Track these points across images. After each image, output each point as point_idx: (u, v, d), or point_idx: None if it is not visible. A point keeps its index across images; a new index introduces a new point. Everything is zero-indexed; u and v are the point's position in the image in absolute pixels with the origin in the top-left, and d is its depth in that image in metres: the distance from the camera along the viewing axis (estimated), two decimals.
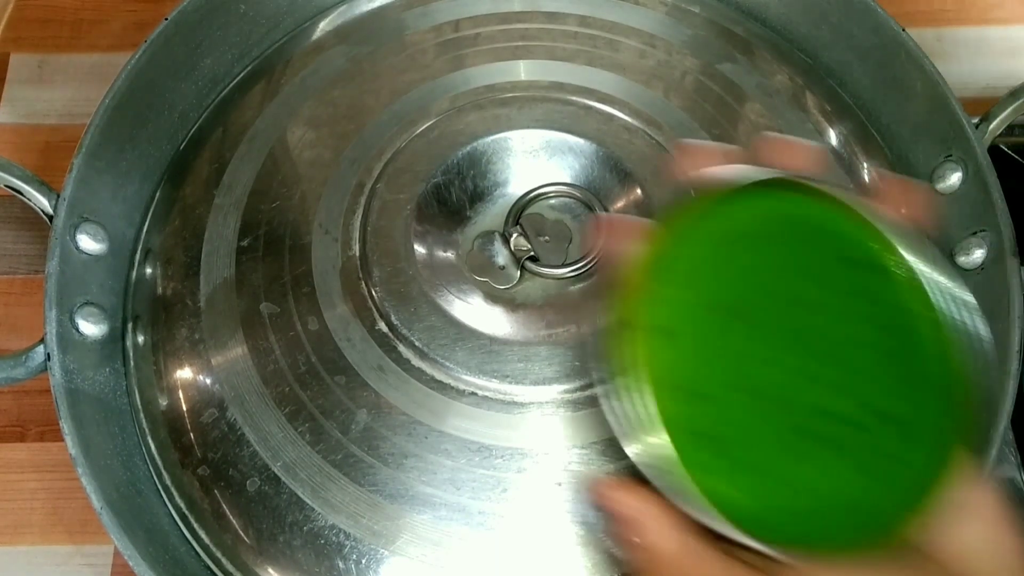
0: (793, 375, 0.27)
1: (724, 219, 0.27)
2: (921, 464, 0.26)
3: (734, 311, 0.27)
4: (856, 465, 0.26)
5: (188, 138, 0.45)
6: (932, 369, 0.27)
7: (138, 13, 0.58)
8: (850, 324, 0.27)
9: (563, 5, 0.46)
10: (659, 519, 0.26)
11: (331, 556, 0.34)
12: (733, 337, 0.27)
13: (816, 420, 0.26)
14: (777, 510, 0.26)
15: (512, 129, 0.42)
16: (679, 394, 0.26)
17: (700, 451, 0.26)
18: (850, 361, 0.27)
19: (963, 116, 0.42)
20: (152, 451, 0.38)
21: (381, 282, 0.38)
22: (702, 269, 0.27)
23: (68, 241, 0.39)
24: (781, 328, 0.27)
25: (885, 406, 0.26)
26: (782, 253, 0.27)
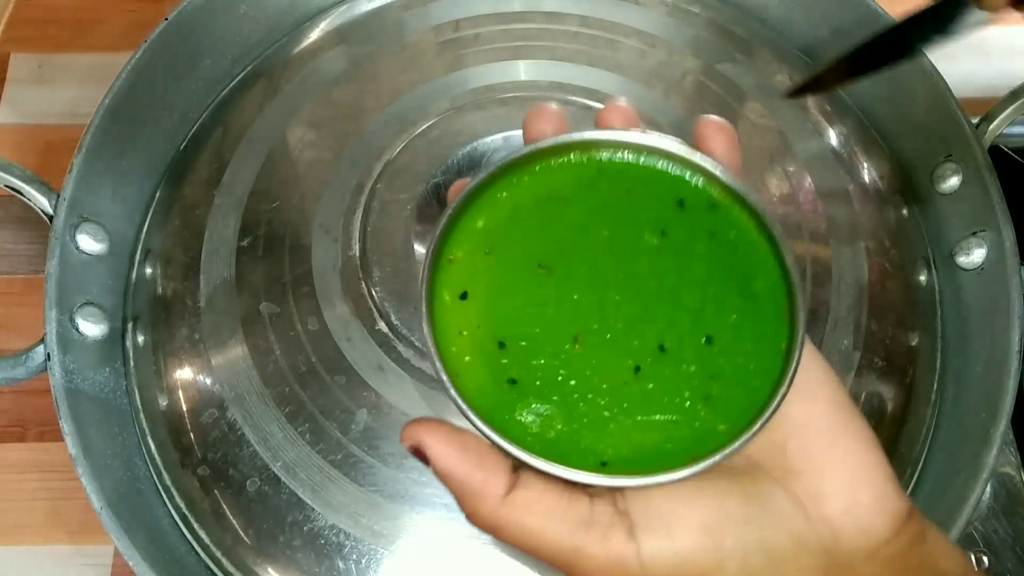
0: (600, 312, 0.27)
1: (532, 180, 0.28)
2: (752, 381, 0.26)
3: (542, 263, 0.28)
4: (676, 389, 0.26)
5: (188, 138, 0.45)
6: (762, 282, 0.27)
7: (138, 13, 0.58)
8: (667, 262, 0.28)
9: (563, 5, 0.46)
10: (448, 442, 0.25)
11: (331, 556, 0.34)
12: (539, 288, 0.27)
13: (638, 355, 0.27)
14: (589, 437, 0.26)
15: (512, 129, 0.42)
16: (485, 349, 0.27)
17: (505, 397, 0.26)
18: (666, 293, 0.27)
19: (963, 116, 0.42)
20: (152, 451, 0.38)
21: (381, 282, 0.38)
22: (506, 229, 0.28)
23: (68, 241, 0.39)
24: (595, 275, 0.28)
25: (714, 330, 0.27)
26: (597, 204, 0.28)
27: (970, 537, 0.41)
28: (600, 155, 0.29)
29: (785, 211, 0.42)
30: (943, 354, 0.42)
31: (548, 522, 0.25)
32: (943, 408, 0.41)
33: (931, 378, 0.41)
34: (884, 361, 0.39)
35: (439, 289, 0.27)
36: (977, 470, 0.36)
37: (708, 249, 0.28)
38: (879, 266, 0.41)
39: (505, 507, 0.25)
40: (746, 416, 0.26)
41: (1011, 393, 0.37)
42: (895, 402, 0.39)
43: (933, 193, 0.43)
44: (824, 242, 0.41)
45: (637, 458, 0.26)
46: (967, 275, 0.42)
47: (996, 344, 0.39)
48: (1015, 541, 0.42)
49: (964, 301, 0.42)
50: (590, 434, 0.26)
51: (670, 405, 0.26)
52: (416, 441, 0.26)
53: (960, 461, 0.38)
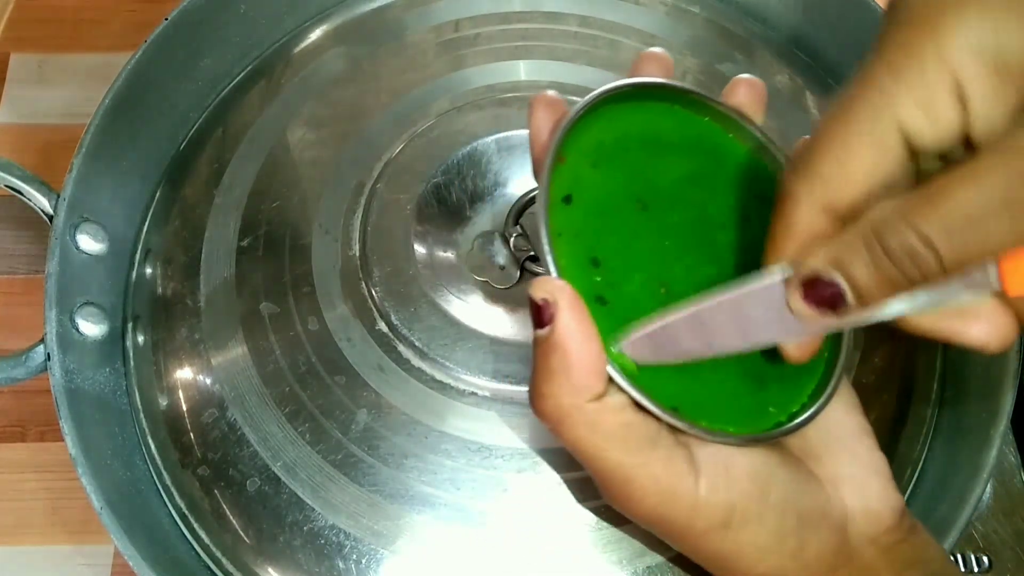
0: (689, 269, 0.28)
1: (641, 117, 0.29)
2: (796, 373, 0.28)
3: (640, 199, 0.29)
4: (740, 364, 0.28)
5: (188, 138, 0.45)
6: None
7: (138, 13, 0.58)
8: (749, 243, 0.29)
9: (563, 5, 0.46)
10: (573, 306, 0.25)
11: (331, 556, 0.34)
12: (635, 220, 0.28)
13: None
14: (664, 380, 0.27)
15: (512, 129, 0.42)
16: (581, 260, 0.27)
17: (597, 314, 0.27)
18: (741, 270, 0.29)
19: None
20: (152, 451, 0.38)
21: (381, 282, 0.38)
22: (613, 151, 0.29)
23: (68, 241, 0.39)
24: (685, 228, 0.29)
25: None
26: (695, 165, 0.30)
27: (970, 537, 0.41)
28: (706, 119, 0.30)
29: None
30: (943, 354, 0.42)
31: (622, 430, 0.25)
32: (943, 408, 0.41)
33: (931, 378, 0.41)
34: (884, 361, 0.39)
35: (551, 187, 0.27)
36: (977, 470, 0.36)
37: None
38: None
39: (594, 405, 0.25)
40: (794, 401, 0.28)
41: (1011, 393, 0.37)
42: (895, 402, 0.39)
43: None
44: None
45: (702, 411, 0.27)
46: None
47: None
48: (1015, 541, 0.42)
49: None
50: (664, 377, 0.27)
51: (732, 375, 0.28)
52: (553, 298, 0.25)
53: (960, 461, 0.38)
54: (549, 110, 0.29)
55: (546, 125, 0.28)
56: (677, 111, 0.30)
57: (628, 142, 0.29)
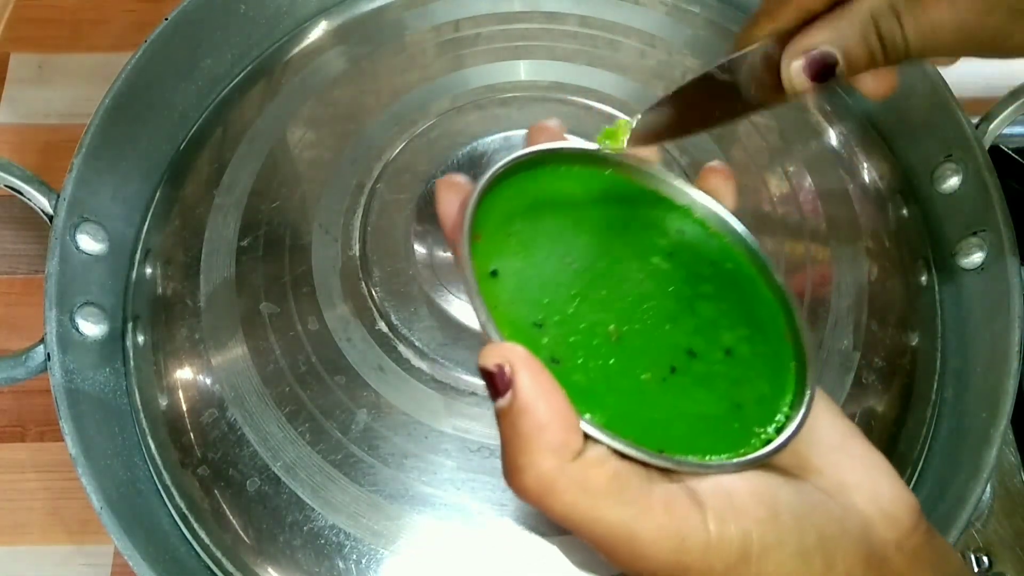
0: (632, 307, 0.28)
1: (555, 178, 0.30)
2: (770, 388, 0.28)
3: (567, 257, 0.29)
4: (711, 391, 0.28)
5: (188, 138, 0.45)
6: (763, 309, 0.30)
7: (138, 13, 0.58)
8: (681, 278, 0.30)
9: (563, 5, 0.46)
10: (528, 366, 0.24)
11: (331, 556, 0.34)
12: (568, 278, 0.28)
13: (670, 354, 0.28)
14: (639, 424, 0.26)
15: (512, 129, 0.42)
16: (523, 327, 0.27)
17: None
18: (683, 303, 0.29)
19: (963, 116, 0.42)
20: (152, 451, 0.38)
21: (381, 282, 0.38)
22: (531, 218, 0.29)
23: (68, 241, 0.39)
24: (619, 276, 0.29)
25: (731, 344, 0.29)
26: (615, 216, 0.30)
27: (970, 537, 0.41)
28: (608, 171, 0.31)
29: (785, 211, 0.42)
30: (943, 354, 0.42)
31: (613, 484, 0.24)
32: (943, 408, 0.41)
33: (931, 378, 0.41)
34: (884, 361, 0.39)
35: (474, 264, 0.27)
36: (977, 470, 0.36)
37: (712, 273, 0.30)
38: (879, 266, 0.41)
39: (577, 464, 0.24)
40: (776, 414, 0.28)
41: (1011, 393, 0.37)
42: (895, 402, 0.39)
43: (933, 193, 0.43)
44: (824, 242, 0.41)
45: (689, 447, 0.26)
46: (967, 275, 0.42)
47: (996, 344, 0.39)
48: (1015, 541, 0.42)
49: (964, 301, 0.42)
50: (641, 420, 0.26)
51: (709, 404, 0.27)
52: (506, 362, 0.24)
53: (960, 461, 0.38)
54: (452, 191, 0.29)
55: (453, 206, 0.28)
56: (578, 170, 0.30)
57: (538, 206, 0.29)
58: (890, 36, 0.27)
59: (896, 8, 0.27)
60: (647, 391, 0.27)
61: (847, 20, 0.27)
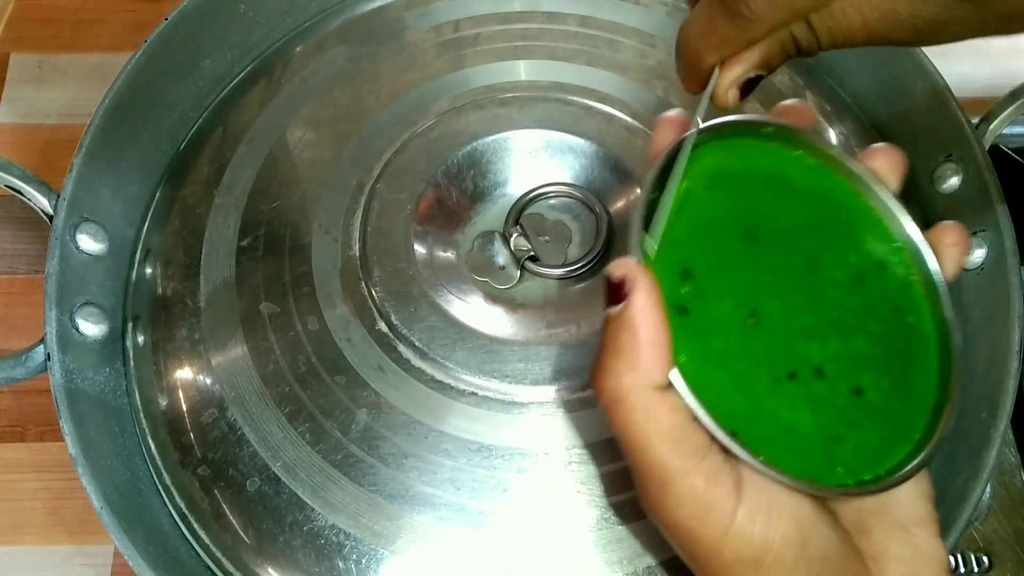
0: (784, 310, 0.28)
1: (762, 153, 0.29)
2: (879, 444, 0.27)
3: (748, 231, 0.28)
4: (818, 414, 0.27)
5: (188, 138, 0.45)
6: (923, 369, 0.28)
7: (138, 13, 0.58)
8: (848, 303, 0.28)
9: (563, 5, 0.46)
10: (648, 291, 0.25)
11: (331, 556, 0.34)
12: (737, 249, 0.28)
13: (797, 362, 0.27)
14: (730, 405, 0.26)
15: (512, 129, 0.42)
16: (671, 268, 0.27)
17: (674, 323, 0.26)
18: (842, 328, 0.28)
19: (963, 116, 0.42)
20: (152, 451, 0.38)
21: (381, 282, 0.38)
22: (726, 184, 0.28)
23: (68, 241, 0.39)
24: (790, 267, 0.28)
25: (867, 385, 0.27)
26: (808, 204, 0.29)
27: (970, 537, 0.41)
28: (840, 177, 0.29)
29: None
30: None
31: (675, 431, 0.25)
32: None
33: None
34: None
35: (652, 193, 0.27)
36: (977, 470, 0.36)
37: (888, 316, 0.28)
38: None
39: (654, 394, 0.25)
40: (867, 470, 0.26)
41: (1011, 393, 0.37)
42: None
43: (933, 193, 0.43)
44: None
45: (763, 445, 0.26)
46: (967, 275, 0.42)
47: (996, 344, 0.39)
48: (1015, 541, 0.42)
49: (964, 301, 0.42)
50: (731, 398, 0.26)
51: (807, 423, 0.27)
52: (631, 279, 0.25)
53: (960, 461, 0.38)
54: (673, 128, 0.29)
55: (667, 140, 0.28)
56: (809, 162, 0.29)
57: (750, 177, 0.28)
58: (805, 43, 0.27)
59: (809, 20, 0.26)
60: (755, 381, 0.27)
61: (768, 42, 0.27)
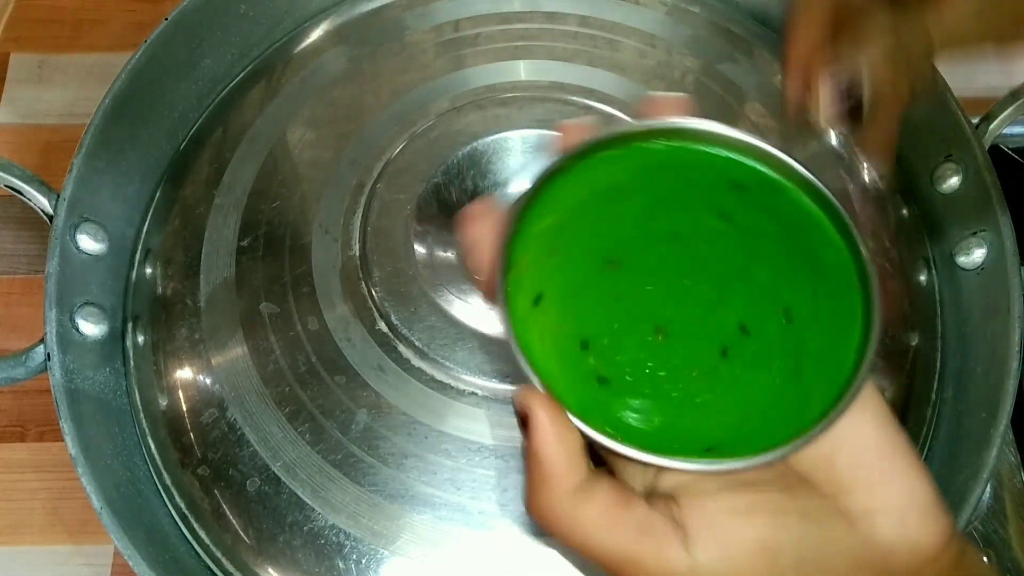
0: (677, 300, 0.27)
1: (588, 176, 0.28)
2: (837, 354, 0.26)
3: (610, 259, 0.28)
4: (766, 369, 0.26)
5: (188, 138, 0.45)
6: (829, 253, 0.27)
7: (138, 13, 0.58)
8: (733, 243, 0.27)
9: (563, 5, 0.46)
10: (552, 419, 0.25)
11: (331, 556, 0.34)
12: (611, 284, 0.27)
13: (719, 336, 0.27)
14: (702, 431, 0.26)
15: (512, 129, 0.42)
16: (569, 351, 0.27)
17: (598, 396, 0.26)
18: (738, 277, 0.27)
19: (963, 116, 0.42)
20: (152, 451, 0.38)
21: (381, 282, 0.38)
22: (569, 228, 0.28)
23: (68, 241, 0.39)
24: (663, 264, 0.28)
25: (791, 305, 0.27)
26: (655, 194, 0.28)
27: (970, 537, 0.41)
28: (647, 144, 0.27)
29: None
30: (943, 354, 0.42)
31: (605, 519, 0.25)
32: (943, 408, 0.41)
33: (931, 378, 0.41)
34: (884, 361, 0.39)
35: (512, 297, 0.26)
36: (977, 470, 0.36)
37: (770, 227, 0.27)
38: (879, 266, 0.41)
39: (573, 498, 0.25)
40: (833, 392, 0.25)
41: (1011, 393, 0.37)
42: (895, 402, 0.39)
43: (933, 193, 0.43)
44: None
45: (739, 441, 0.26)
46: (967, 275, 0.42)
47: (996, 344, 0.39)
48: (1015, 541, 0.42)
49: (964, 301, 0.42)
50: (690, 422, 0.26)
51: (762, 383, 0.26)
52: (529, 407, 0.26)
53: (960, 461, 0.38)
54: (478, 223, 0.28)
55: (483, 243, 0.27)
56: (609, 155, 0.27)
57: (576, 210, 0.28)
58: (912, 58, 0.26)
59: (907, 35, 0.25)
60: (698, 388, 0.26)
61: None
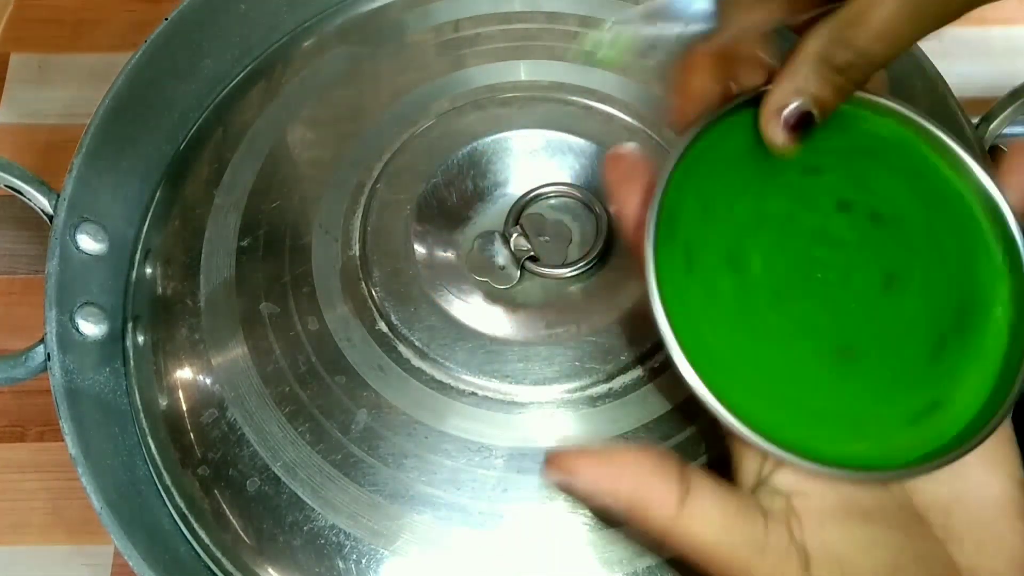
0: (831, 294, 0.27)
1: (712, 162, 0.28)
2: (956, 409, 0.26)
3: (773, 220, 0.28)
4: (877, 387, 0.26)
5: (188, 138, 0.45)
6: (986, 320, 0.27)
7: (138, 13, 0.58)
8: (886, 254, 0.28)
9: (563, 5, 0.46)
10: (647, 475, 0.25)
11: (331, 556, 0.34)
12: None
13: (846, 336, 0.26)
14: (789, 412, 0.26)
15: (512, 129, 0.42)
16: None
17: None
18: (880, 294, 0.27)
19: (963, 116, 0.42)
20: (152, 451, 0.38)
21: (381, 282, 0.38)
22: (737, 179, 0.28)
23: (68, 241, 0.39)
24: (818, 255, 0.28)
25: (927, 337, 0.26)
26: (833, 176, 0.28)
27: None
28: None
29: None
30: None
31: (723, 538, 0.25)
32: None
33: None
34: None
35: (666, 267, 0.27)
36: None
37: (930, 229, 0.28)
38: None
39: (681, 520, 0.25)
40: (971, 425, 0.25)
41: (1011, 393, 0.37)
42: None
43: None
44: None
45: (870, 453, 0.25)
46: None
47: None
48: None
49: None
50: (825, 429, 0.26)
51: (903, 406, 0.26)
52: (569, 472, 0.25)
53: None
54: (629, 184, 0.28)
55: (634, 202, 0.28)
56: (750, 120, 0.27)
57: (718, 191, 0.28)
58: (847, 63, 0.25)
59: (840, 35, 0.25)
60: (813, 374, 0.26)
61: (801, 68, 0.26)
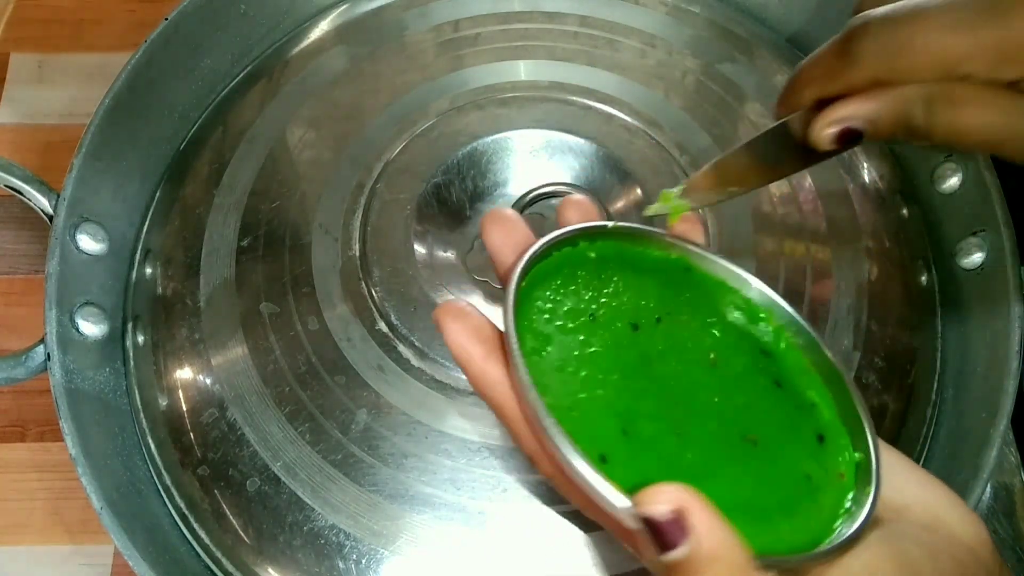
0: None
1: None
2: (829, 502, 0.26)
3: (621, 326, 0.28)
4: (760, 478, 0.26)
5: (188, 138, 0.45)
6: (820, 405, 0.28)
7: (138, 13, 0.58)
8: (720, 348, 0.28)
9: (563, 5, 0.46)
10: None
11: (331, 556, 0.34)
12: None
13: (725, 431, 0.26)
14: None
15: (512, 129, 0.42)
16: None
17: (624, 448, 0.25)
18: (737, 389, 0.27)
19: None
20: (152, 451, 0.38)
21: (381, 282, 0.38)
22: (572, 292, 0.28)
23: (68, 241, 0.39)
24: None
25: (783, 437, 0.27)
26: (654, 289, 0.29)
27: None
28: (653, 250, 0.29)
29: (785, 211, 0.42)
30: (943, 354, 0.42)
31: None
32: (943, 408, 0.41)
33: (931, 378, 0.41)
34: (884, 361, 0.39)
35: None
36: (977, 470, 0.36)
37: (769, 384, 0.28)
38: (879, 266, 0.41)
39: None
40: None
41: (1011, 393, 0.37)
42: (895, 402, 0.39)
43: (933, 193, 0.43)
44: (824, 242, 0.41)
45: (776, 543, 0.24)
46: (967, 275, 0.42)
47: (996, 344, 0.39)
48: (1015, 541, 0.42)
49: (964, 301, 0.42)
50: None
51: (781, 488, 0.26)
52: (681, 505, 0.21)
53: (960, 461, 0.38)
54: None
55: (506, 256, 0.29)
56: (621, 247, 0.29)
57: (574, 309, 0.28)
58: (918, 125, 0.27)
59: (931, 102, 0.27)
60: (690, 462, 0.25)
61: (883, 101, 0.28)
